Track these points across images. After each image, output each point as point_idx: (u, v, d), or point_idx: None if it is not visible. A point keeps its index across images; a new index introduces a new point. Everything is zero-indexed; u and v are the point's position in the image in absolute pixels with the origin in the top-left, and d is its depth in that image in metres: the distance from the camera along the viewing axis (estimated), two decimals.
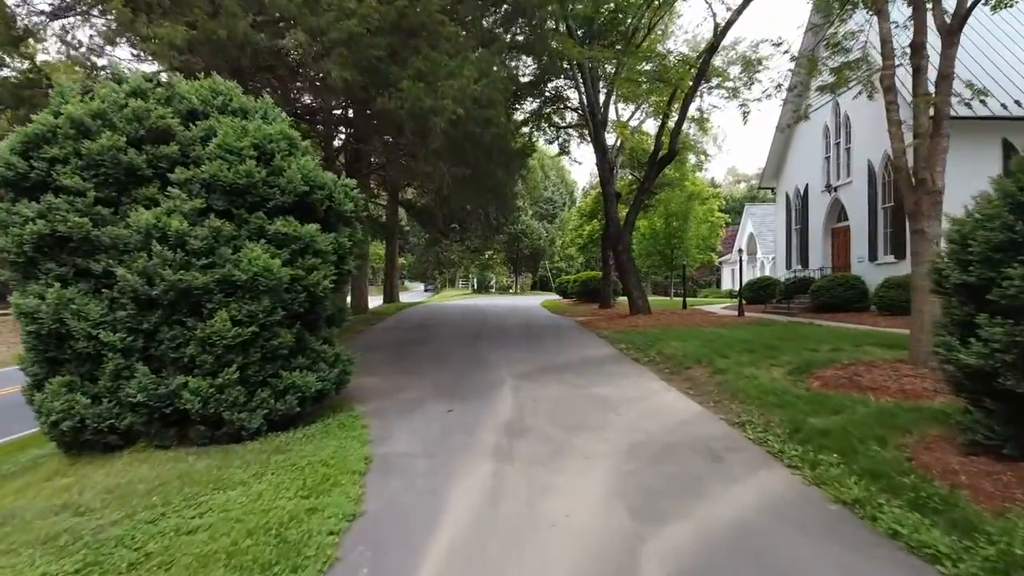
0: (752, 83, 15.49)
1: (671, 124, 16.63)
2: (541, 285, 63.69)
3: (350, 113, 14.49)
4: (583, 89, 16.96)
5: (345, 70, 8.11)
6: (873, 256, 16.84)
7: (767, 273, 34.08)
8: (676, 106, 16.19)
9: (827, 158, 19.62)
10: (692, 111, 17.59)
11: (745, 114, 16.16)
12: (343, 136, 16.43)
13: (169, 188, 5.72)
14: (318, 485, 4.35)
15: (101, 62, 10.10)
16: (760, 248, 34.53)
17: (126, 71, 6.58)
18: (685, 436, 5.57)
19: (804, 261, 20.76)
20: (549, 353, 10.98)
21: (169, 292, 5.38)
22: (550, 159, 60.44)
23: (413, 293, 74.51)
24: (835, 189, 18.87)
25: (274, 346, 5.85)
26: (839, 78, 10.82)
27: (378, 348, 12.11)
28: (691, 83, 15.01)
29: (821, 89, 11.63)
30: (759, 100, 20.17)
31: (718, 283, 52.06)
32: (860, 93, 11.64)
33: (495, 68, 10.16)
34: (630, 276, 15.40)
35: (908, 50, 8.20)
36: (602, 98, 17.47)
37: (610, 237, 15.80)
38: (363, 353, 11.32)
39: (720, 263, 43.42)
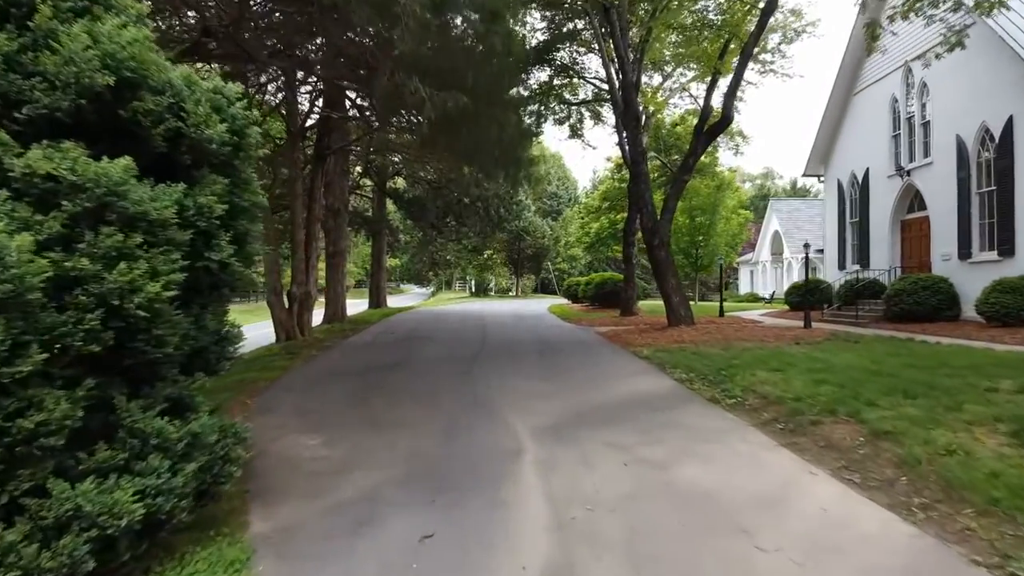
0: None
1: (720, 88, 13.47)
2: (542, 288, 60.37)
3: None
4: (606, 44, 13.71)
5: None
6: (965, 253, 13.61)
7: (793, 275, 30.91)
8: (730, 62, 12.97)
9: (895, 136, 16.40)
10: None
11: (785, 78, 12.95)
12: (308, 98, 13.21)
13: None
14: None
15: None
16: (787, 247, 31.32)
17: None
18: None
19: (863, 260, 17.54)
20: (579, 386, 7.71)
21: None
22: (550, 156, 57.26)
23: (408, 296, 71.22)
24: (908, 173, 15.65)
25: (28, 430, 2.57)
26: None
27: (339, 377, 8.83)
28: (753, 28, 11.77)
29: None
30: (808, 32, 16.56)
31: (728, 286, 48.88)
32: None
33: None
34: (668, 277, 12.19)
35: None
36: (632, 56, 14.17)
37: (645, 229, 12.56)
38: (315, 388, 8.09)
39: (737, 264, 40.19)
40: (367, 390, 7.71)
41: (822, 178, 20.03)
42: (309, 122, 15.34)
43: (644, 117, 19.52)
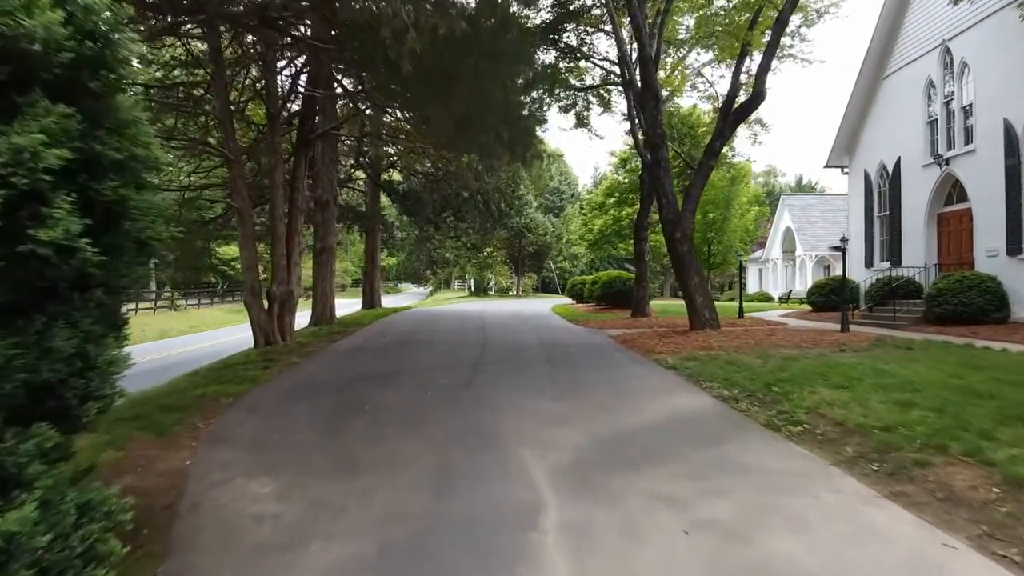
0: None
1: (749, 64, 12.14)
2: (543, 287, 59.07)
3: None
4: (619, 15, 12.40)
5: None
6: (1015, 248, 12.35)
7: (807, 274, 29.66)
8: (760, 34, 11.64)
9: (931, 122, 15.13)
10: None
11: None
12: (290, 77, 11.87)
13: None
14: None
15: None
16: (800, 244, 30.04)
17: None
18: None
19: (894, 257, 16.28)
20: (601, 406, 6.42)
21: None
22: (551, 154, 55.91)
23: (406, 295, 69.97)
24: (946, 161, 14.38)
25: None
26: None
27: (316, 392, 7.52)
28: None
29: None
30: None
31: (731, 286, 47.67)
32: None
33: None
34: (691, 274, 10.89)
35: None
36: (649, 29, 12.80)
37: (666, 221, 11.26)
38: (285, 408, 6.76)
39: (745, 262, 38.88)
40: (345, 411, 6.40)
41: (846, 170, 18.76)
42: (294, 108, 14.06)
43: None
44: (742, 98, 12.71)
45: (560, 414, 6.01)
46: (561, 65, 16.30)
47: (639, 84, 11.96)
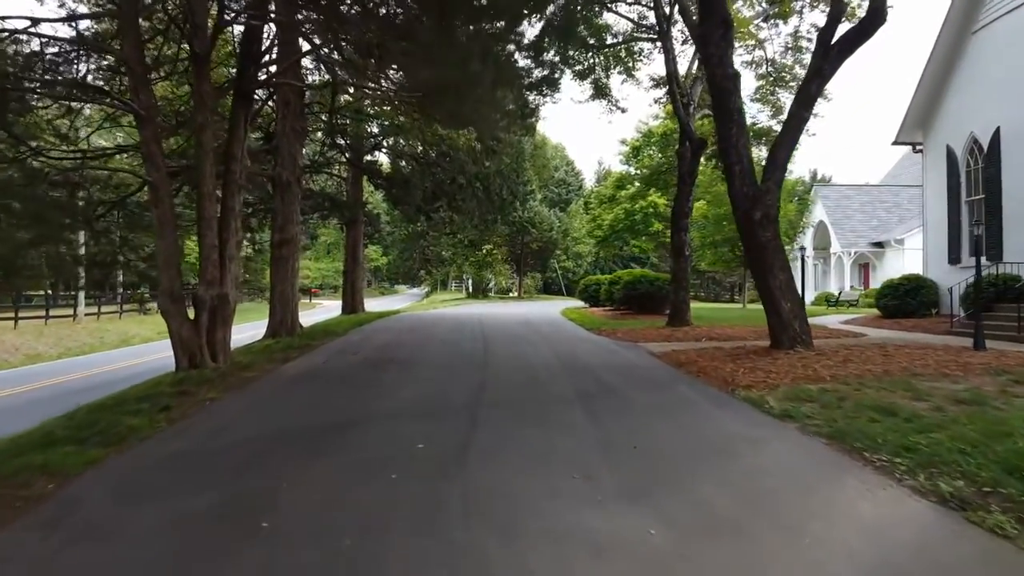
0: None
1: None
2: (546, 288, 55.86)
3: None
4: None
5: None
6: None
7: (844, 272, 26.58)
8: None
9: None
10: None
11: None
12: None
13: None
14: None
15: None
16: (836, 239, 26.97)
17: None
18: None
19: (993, 250, 13.16)
20: (716, 523, 3.30)
21: None
22: (554, 147, 52.71)
23: (401, 297, 66.79)
24: None
25: None
26: None
27: (201, 470, 4.41)
28: None
29: None
30: None
31: (742, 287, 44.52)
32: None
33: None
34: (775, 270, 7.72)
35: None
36: None
37: (740, 196, 8.07)
38: (144, 504, 3.49)
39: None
40: (224, 534, 3.27)
41: (919, 147, 15.69)
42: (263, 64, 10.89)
43: (696, 66, 15.28)
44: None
45: (645, 555, 2.88)
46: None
47: (694, 16, 8.86)
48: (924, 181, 15.47)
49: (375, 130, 19.36)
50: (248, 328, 17.45)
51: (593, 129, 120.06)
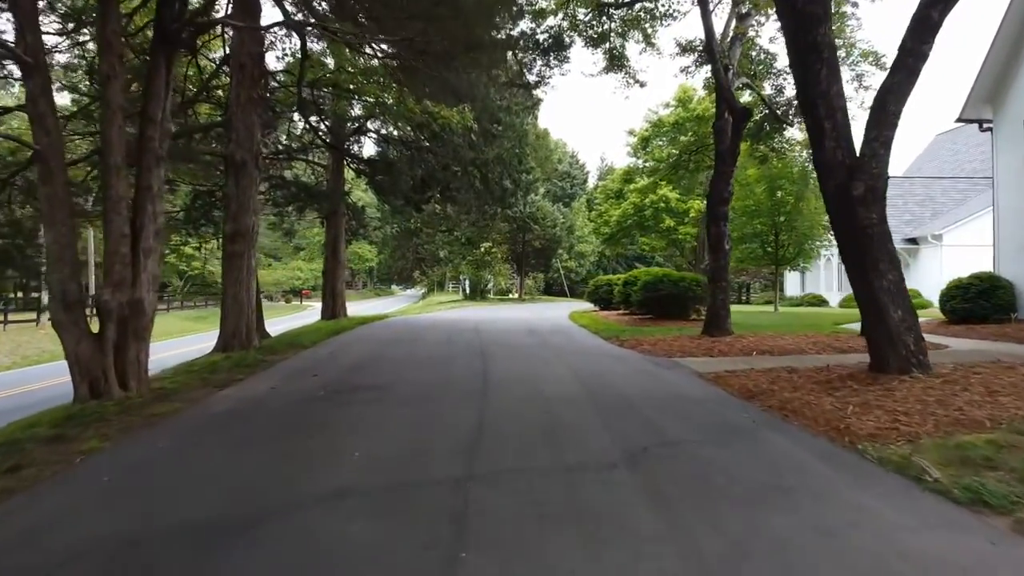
0: None
1: None
2: (547, 289, 53.56)
3: None
4: None
5: None
6: None
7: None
8: None
9: None
10: None
11: None
12: None
13: None
14: None
15: None
16: None
17: None
18: None
19: None
20: None
21: None
22: (555, 143, 50.44)
23: (397, 299, 64.53)
24: None
25: None
26: None
27: None
28: None
29: None
30: None
31: (748, 288, 42.38)
32: None
33: None
34: (881, 268, 5.51)
35: None
36: None
37: (832, 166, 5.82)
38: None
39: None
40: None
41: (986, 125, 13.52)
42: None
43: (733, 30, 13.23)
44: None
45: None
46: None
47: None
48: (996, 163, 13.27)
49: (357, 111, 17.20)
50: (209, 338, 15.11)
51: (595, 126, 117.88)
